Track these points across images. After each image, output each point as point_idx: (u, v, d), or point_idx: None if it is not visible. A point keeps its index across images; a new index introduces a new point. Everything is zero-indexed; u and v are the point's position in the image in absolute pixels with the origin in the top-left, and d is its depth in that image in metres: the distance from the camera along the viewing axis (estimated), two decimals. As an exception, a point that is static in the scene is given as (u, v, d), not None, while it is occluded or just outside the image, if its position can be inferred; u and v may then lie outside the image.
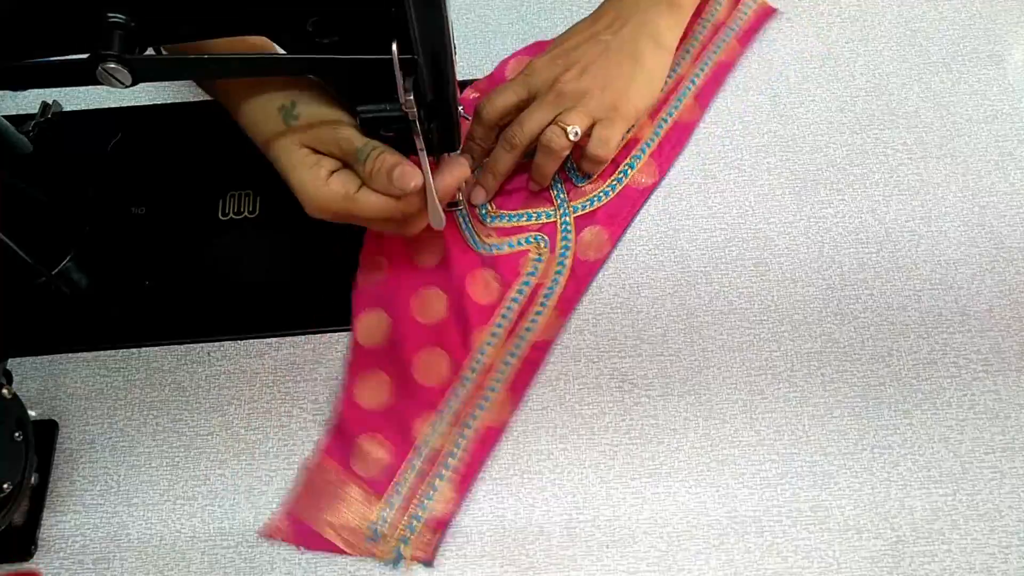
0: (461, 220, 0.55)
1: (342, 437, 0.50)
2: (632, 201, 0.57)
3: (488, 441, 0.50)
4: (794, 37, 0.63)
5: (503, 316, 0.53)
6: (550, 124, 0.53)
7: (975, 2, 0.63)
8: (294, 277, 0.56)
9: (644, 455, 0.50)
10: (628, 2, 0.56)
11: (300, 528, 0.48)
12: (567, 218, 0.56)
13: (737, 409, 0.51)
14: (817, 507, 0.48)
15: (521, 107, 0.54)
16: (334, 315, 0.54)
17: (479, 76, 0.63)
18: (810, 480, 0.49)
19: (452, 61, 0.42)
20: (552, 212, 0.56)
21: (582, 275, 0.54)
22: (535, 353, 0.52)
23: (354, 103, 0.44)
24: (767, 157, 0.58)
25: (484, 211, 0.56)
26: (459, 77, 0.45)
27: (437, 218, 0.49)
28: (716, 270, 0.55)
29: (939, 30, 0.62)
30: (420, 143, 0.44)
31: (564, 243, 0.55)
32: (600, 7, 0.57)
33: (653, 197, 0.57)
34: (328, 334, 0.54)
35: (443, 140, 0.47)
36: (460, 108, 0.47)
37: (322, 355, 0.54)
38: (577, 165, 0.57)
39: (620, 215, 0.56)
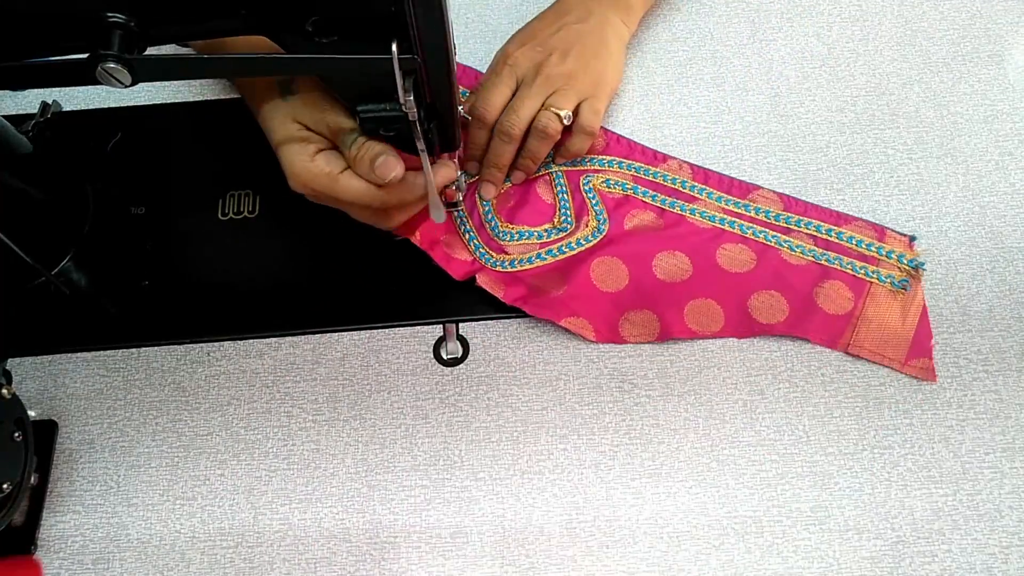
0: (477, 252, 0.55)
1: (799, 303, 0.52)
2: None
3: (798, 203, 0.55)
4: (794, 37, 0.63)
5: (672, 204, 0.56)
6: (542, 110, 0.54)
7: (975, 2, 0.63)
8: (294, 277, 0.56)
9: (644, 455, 0.50)
10: None
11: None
12: (599, 208, 0.55)
13: (737, 409, 0.51)
14: (817, 507, 0.48)
15: (511, 97, 0.56)
16: (334, 315, 0.54)
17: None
18: (810, 480, 0.49)
19: (452, 61, 0.42)
20: (564, 228, 0.55)
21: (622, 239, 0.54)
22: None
23: (354, 103, 0.44)
24: (767, 157, 0.58)
25: (494, 225, 0.55)
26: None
27: (438, 212, 0.50)
28: (716, 270, 0.55)
29: (939, 30, 0.62)
30: (420, 143, 0.44)
31: (599, 219, 0.55)
32: (561, 1, 0.60)
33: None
34: (328, 334, 0.54)
35: (443, 140, 0.47)
36: (460, 108, 0.47)
37: (322, 355, 0.54)
38: (563, 148, 0.57)
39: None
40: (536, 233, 0.55)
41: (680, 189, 0.56)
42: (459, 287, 0.54)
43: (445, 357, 0.54)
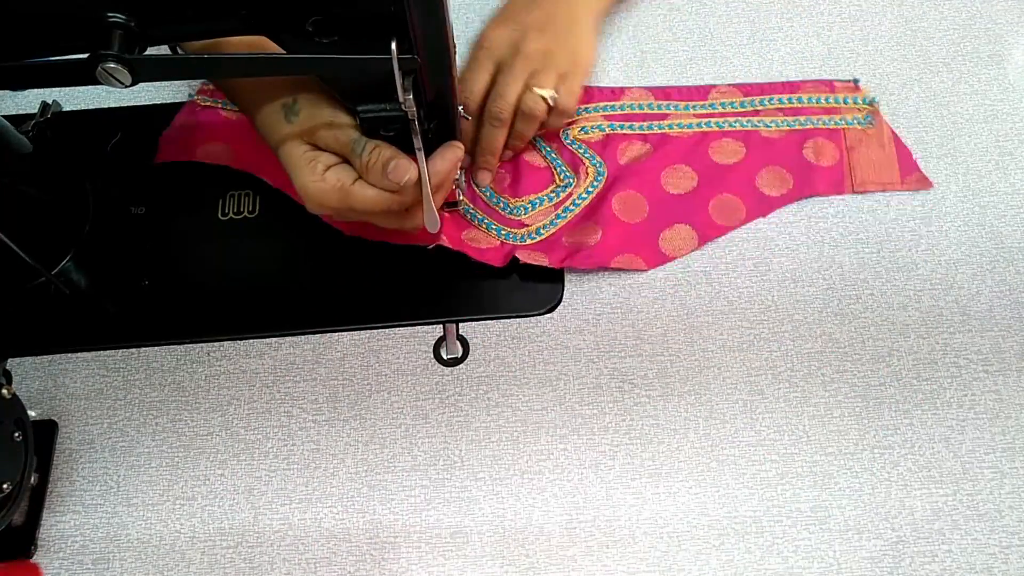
0: (488, 228, 0.56)
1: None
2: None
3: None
4: (794, 37, 0.63)
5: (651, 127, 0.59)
6: (526, 91, 0.55)
7: (975, 2, 0.63)
8: (294, 277, 0.56)
9: (644, 455, 0.50)
10: None
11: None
12: (600, 168, 0.58)
13: (737, 409, 0.51)
14: (817, 507, 0.48)
15: (490, 82, 0.56)
16: (334, 315, 0.54)
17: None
18: (810, 480, 0.49)
19: (452, 61, 0.42)
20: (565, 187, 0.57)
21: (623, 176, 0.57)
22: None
23: (354, 103, 0.44)
24: (767, 157, 0.58)
25: (504, 205, 0.57)
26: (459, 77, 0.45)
27: (432, 220, 0.48)
28: (716, 270, 0.55)
29: (939, 30, 0.62)
30: (419, 143, 0.44)
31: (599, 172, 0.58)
32: None
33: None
34: (328, 334, 0.54)
35: (443, 140, 0.47)
36: (460, 108, 0.47)
37: (322, 355, 0.54)
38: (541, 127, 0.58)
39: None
40: (546, 197, 0.57)
41: (649, 112, 0.60)
42: (458, 287, 0.54)
43: (445, 357, 0.54)
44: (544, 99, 0.55)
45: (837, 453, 0.49)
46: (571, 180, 0.57)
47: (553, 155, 0.58)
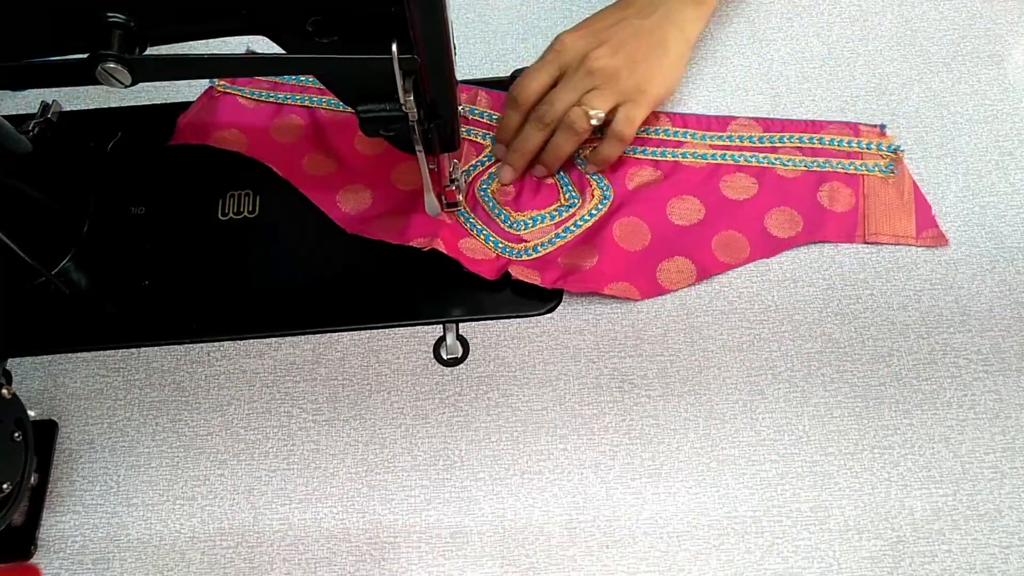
0: (492, 245, 0.55)
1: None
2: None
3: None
4: (794, 37, 0.63)
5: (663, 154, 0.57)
6: (574, 106, 0.53)
7: (975, 2, 0.63)
8: (294, 277, 0.56)
9: (644, 455, 0.50)
10: None
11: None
12: (608, 192, 0.57)
13: (737, 409, 0.51)
14: (817, 507, 0.48)
15: (553, 85, 0.55)
16: (334, 315, 0.54)
17: (479, 76, 0.62)
18: (810, 480, 0.49)
19: (452, 61, 0.42)
20: (582, 195, 0.57)
21: (630, 200, 0.56)
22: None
23: (354, 103, 0.44)
24: (767, 157, 0.58)
25: (504, 217, 0.56)
26: (459, 77, 0.45)
27: (433, 206, 0.50)
28: (716, 270, 0.55)
29: (939, 30, 0.62)
30: (418, 145, 0.44)
31: (605, 192, 0.57)
32: None
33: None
34: (328, 334, 0.54)
35: (443, 140, 0.47)
36: (459, 108, 0.47)
37: (322, 355, 0.54)
38: (593, 153, 0.56)
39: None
40: (548, 215, 0.56)
41: (665, 138, 0.58)
42: (458, 287, 0.54)
43: (445, 357, 0.54)
44: (588, 117, 0.53)
45: (837, 453, 0.49)
46: (576, 200, 0.56)
47: (561, 173, 0.57)
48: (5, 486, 0.45)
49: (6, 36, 0.39)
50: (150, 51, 0.41)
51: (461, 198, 0.55)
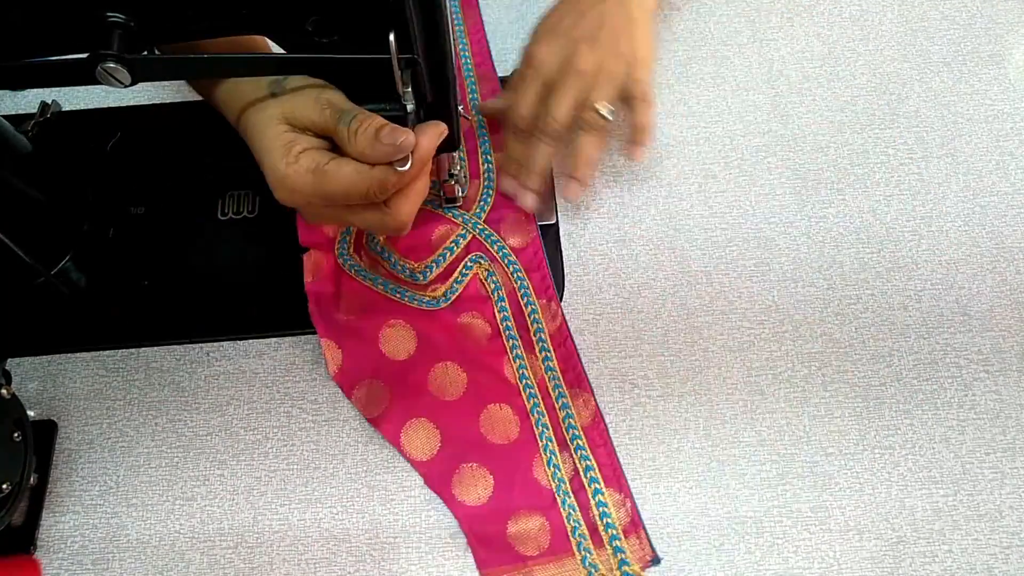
0: (405, 298, 0.53)
1: (487, 544, 0.47)
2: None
3: (601, 432, 0.50)
4: (794, 37, 0.63)
5: (510, 337, 0.52)
6: (585, 110, 0.52)
7: (975, 2, 0.63)
8: (294, 277, 0.56)
9: (644, 455, 0.50)
10: None
11: None
12: (480, 226, 0.55)
13: (737, 409, 0.51)
14: (817, 507, 0.48)
15: (543, 99, 0.54)
16: (334, 315, 0.54)
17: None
18: (810, 480, 0.49)
19: (452, 60, 0.42)
20: (464, 233, 0.55)
21: (533, 259, 0.54)
22: (562, 344, 0.52)
23: (354, 103, 0.44)
24: (767, 157, 0.58)
25: (410, 272, 0.54)
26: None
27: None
28: (716, 270, 0.55)
29: (939, 30, 0.62)
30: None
31: (496, 246, 0.55)
32: None
33: (653, 197, 0.57)
34: (328, 334, 0.54)
35: (443, 140, 0.47)
36: (460, 108, 0.47)
37: (321, 355, 0.54)
38: (631, 128, 0.55)
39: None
40: (396, 262, 0.54)
41: (532, 337, 0.52)
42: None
43: (445, 357, 0.54)
44: (602, 115, 0.52)
45: (837, 453, 0.49)
46: (423, 279, 0.54)
47: (452, 250, 0.55)
48: (5, 486, 0.45)
49: (6, 36, 0.39)
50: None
51: (460, 193, 0.55)
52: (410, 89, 0.40)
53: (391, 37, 0.38)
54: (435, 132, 0.43)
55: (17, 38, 0.39)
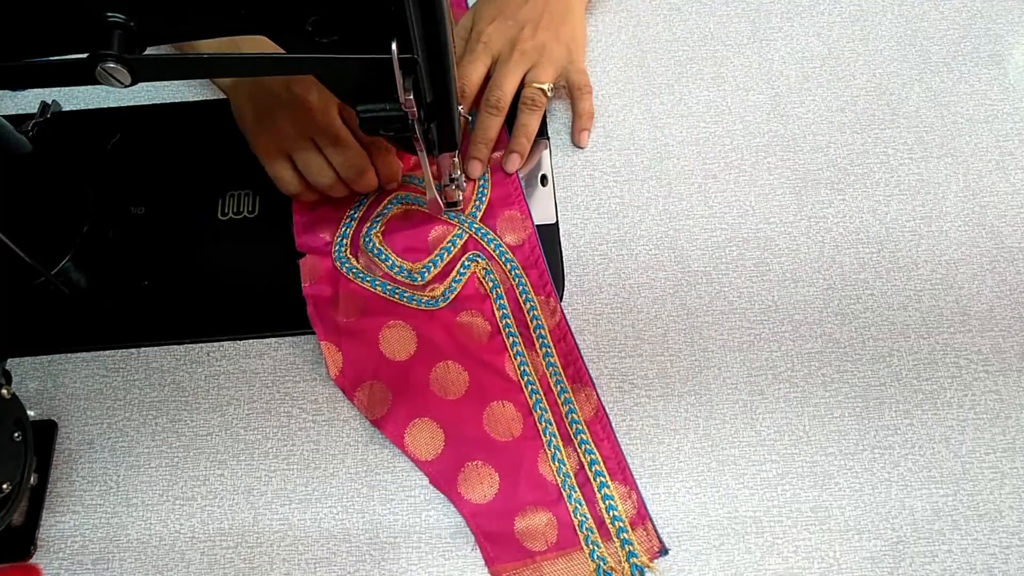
0: (403, 299, 0.53)
1: (494, 541, 0.47)
2: (503, 173, 0.58)
3: (604, 426, 0.50)
4: (794, 37, 0.63)
5: (510, 334, 0.52)
6: (525, 87, 0.57)
7: (975, 2, 0.63)
8: (294, 277, 0.56)
9: (644, 455, 0.50)
10: None
11: None
12: (476, 225, 0.56)
13: (737, 409, 0.51)
14: (817, 507, 0.48)
15: (489, 73, 0.58)
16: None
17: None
18: (810, 480, 0.49)
19: (452, 61, 0.42)
20: (461, 232, 0.55)
21: (530, 256, 0.55)
22: (562, 340, 0.52)
23: (354, 103, 0.44)
24: (767, 157, 0.58)
25: (407, 273, 0.54)
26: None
27: (436, 206, 0.51)
28: (716, 270, 0.55)
29: (939, 30, 0.62)
30: (420, 143, 0.44)
31: (493, 244, 0.55)
32: None
33: (653, 197, 0.57)
34: (328, 334, 0.54)
35: (443, 140, 0.47)
36: (460, 108, 0.47)
37: (321, 355, 0.54)
38: (575, 115, 0.59)
39: (508, 189, 0.57)
40: (394, 263, 0.54)
41: (532, 333, 0.52)
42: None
43: (445, 357, 0.54)
44: (543, 92, 0.57)
45: (837, 453, 0.49)
46: (421, 279, 0.54)
47: (448, 252, 0.55)
48: (5, 486, 0.45)
49: (6, 36, 0.39)
50: (150, 50, 0.41)
51: (459, 196, 0.55)
52: (411, 96, 0.40)
53: (393, 46, 0.38)
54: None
55: (17, 38, 0.39)
